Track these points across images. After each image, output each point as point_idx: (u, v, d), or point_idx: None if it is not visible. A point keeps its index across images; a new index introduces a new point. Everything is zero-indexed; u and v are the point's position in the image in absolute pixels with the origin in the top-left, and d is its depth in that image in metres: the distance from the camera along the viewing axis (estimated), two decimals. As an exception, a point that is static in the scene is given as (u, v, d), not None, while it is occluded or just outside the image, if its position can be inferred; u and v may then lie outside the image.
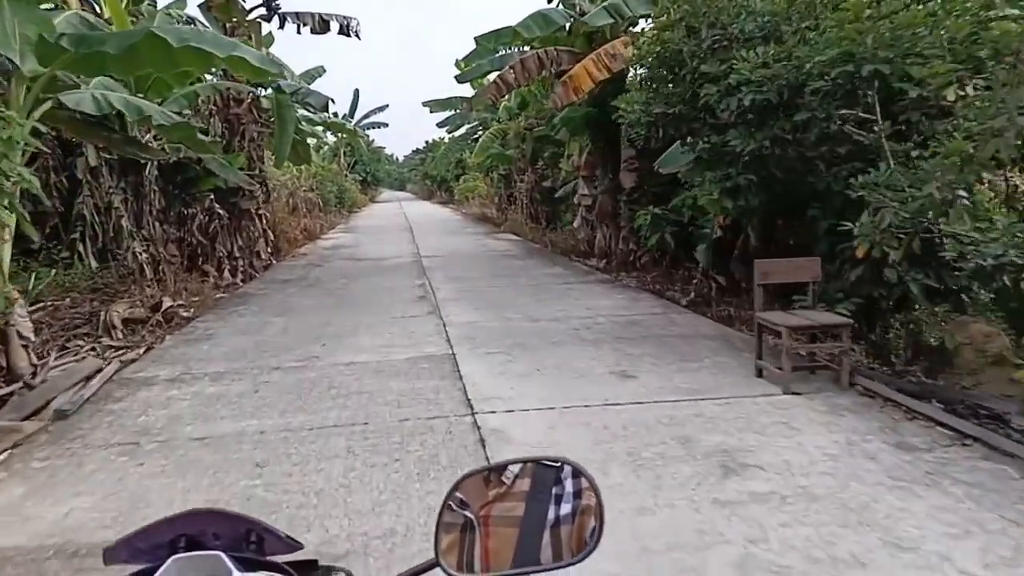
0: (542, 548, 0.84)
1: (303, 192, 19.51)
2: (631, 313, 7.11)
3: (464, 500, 0.89)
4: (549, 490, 0.88)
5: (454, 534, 0.87)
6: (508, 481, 0.90)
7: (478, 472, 0.91)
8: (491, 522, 0.87)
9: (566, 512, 0.86)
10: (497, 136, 19.09)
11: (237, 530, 0.82)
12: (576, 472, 0.89)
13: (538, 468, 0.91)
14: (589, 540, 0.84)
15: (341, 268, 11.68)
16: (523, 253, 13.39)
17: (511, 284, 9.29)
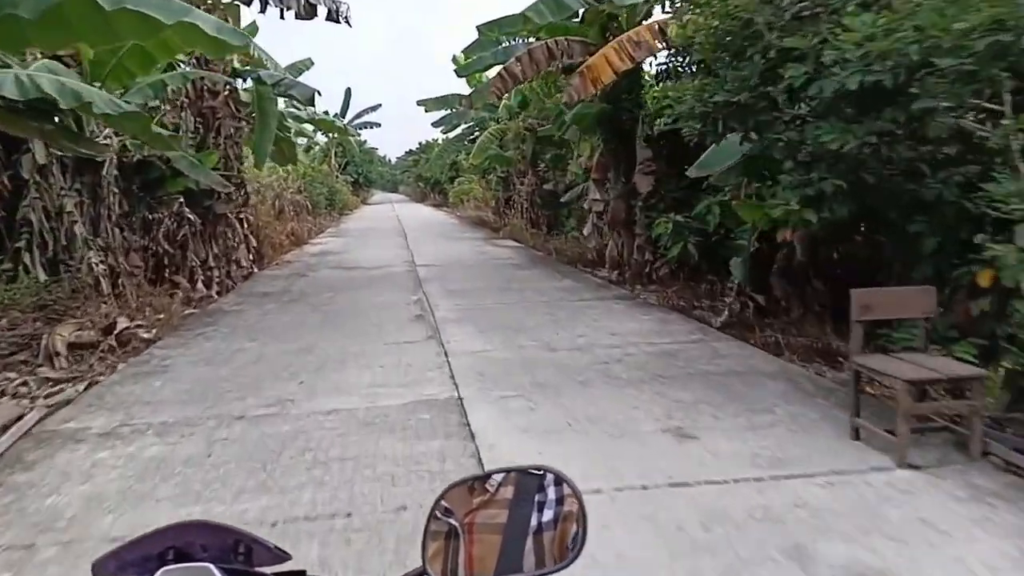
0: (525, 555, 0.85)
1: (290, 194, 18.41)
2: (664, 340, 6.08)
3: (449, 508, 0.90)
4: (532, 497, 0.89)
5: (439, 542, 0.88)
6: (492, 489, 0.91)
7: (463, 482, 0.92)
8: (475, 529, 0.88)
9: (548, 519, 0.87)
10: (496, 136, 18.07)
11: (225, 542, 0.82)
12: (558, 479, 0.90)
13: (521, 476, 0.92)
14: (571, 546, 0.84)
15: (328, 279, 10.60)
16: (527, 262, 12.36)
17: (518, 300, 8.25)
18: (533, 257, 13.25)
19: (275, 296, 8.97)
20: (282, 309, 8.02)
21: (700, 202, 9.56)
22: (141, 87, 8.01)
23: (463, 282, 9.84)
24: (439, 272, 11.05)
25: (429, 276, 10.56)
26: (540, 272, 10.91)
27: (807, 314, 7.18)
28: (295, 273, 11.41)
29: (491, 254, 13.90)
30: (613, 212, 10.78)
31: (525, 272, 10.89)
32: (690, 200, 10.00)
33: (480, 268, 11.52)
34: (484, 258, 13.11)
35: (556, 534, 0.86)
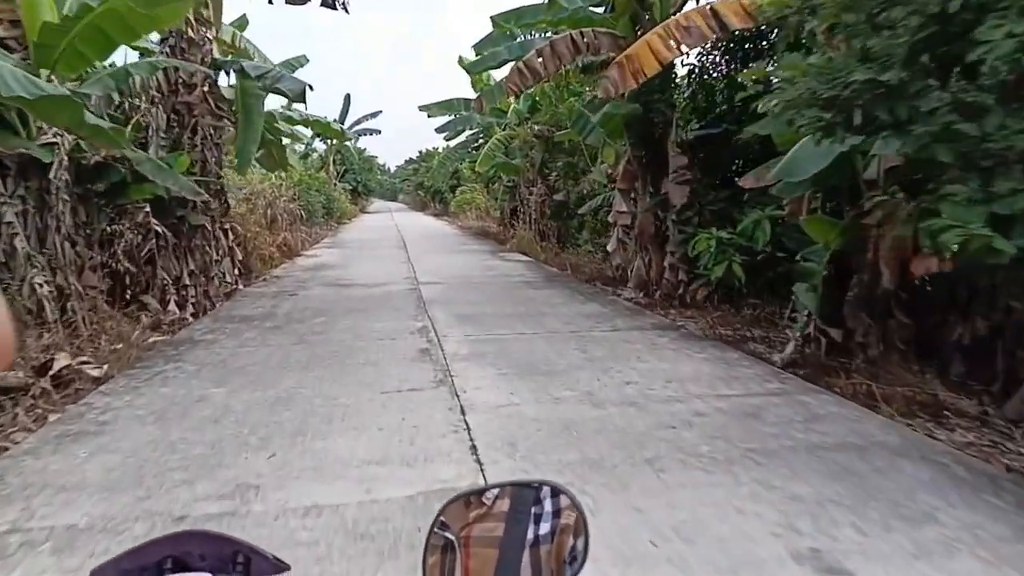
0: (521, 568, 0.85)
1: (283, 202, 17.20)
2: (736, 391, 4.85)
3: (446, 523, 0.90)
4: (528, 510, 0.89)
5: (436, 555, 0.88)
6: (488, 502, 0.91)
7: (460, 497, 0.92)
8: (472, 543, 0.88)
9: (545, 531, 0.87)
10: (503, 143, 16.90)
11: (223, 552, 0.81)
12: (555, 491, 0.90)
13: (517, 490, 0.92)
14: (568, 560, 0.84)
15: (320, 299, 9.36)
16: (541, 280, 11.13)
17: (540, 328, 7.02)
18: (547, 274, 12.03)
19: (257, 321, 7.73)
20: (263, 339, 6.78)
21: (744, 216, 8.41)
22: (101, 76, 6.83)
23: (473, 304, 8.61)
24: (444, 291, 9.82)
25: (434, 296, 9.33)
26: (558, 292, 9.68)
27: (888, 352, 5.98)
28: (283, 291, 10.17)
29: (500, 269, 12.68)
30: (641, 226, 9.59)
31: (542, 292, 9.67)
32: (730, 214, 8.82)
33: (490, 286, 10.30)
34: (493, 274, 11.89)
35: (553, 547, 0.86)
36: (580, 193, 15.61)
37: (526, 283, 10.72)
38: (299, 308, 8.57)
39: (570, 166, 16.55)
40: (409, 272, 12.35)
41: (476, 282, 10.85)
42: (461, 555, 0.88)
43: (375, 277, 11.56)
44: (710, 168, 9.44)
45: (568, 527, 0.87)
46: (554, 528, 0.87)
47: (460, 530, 0.89)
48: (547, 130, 17.46)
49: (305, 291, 10.15)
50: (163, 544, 0.80)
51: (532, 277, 11.50)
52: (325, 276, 11.91)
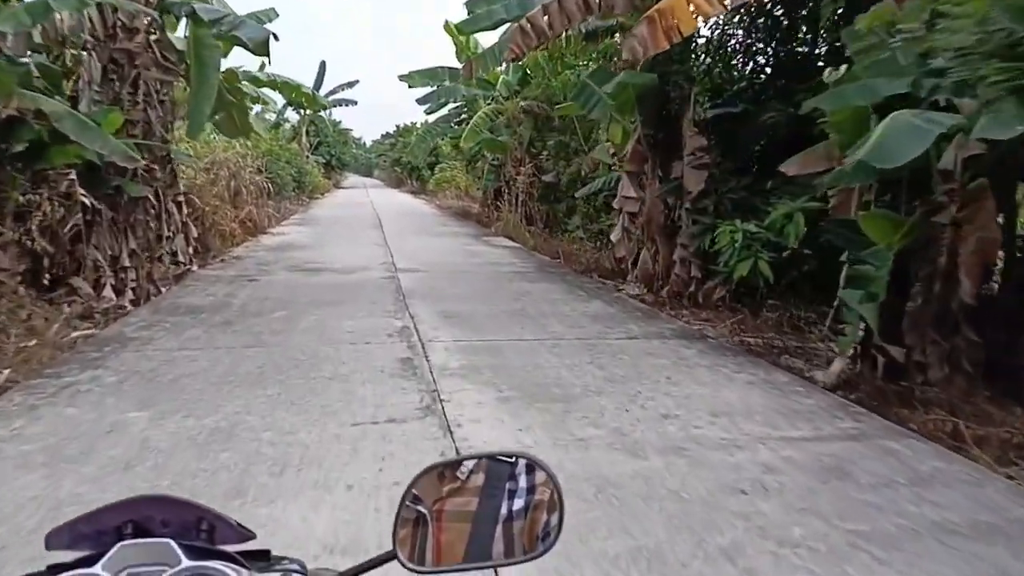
0: (494, 543, 0.85)
1: (249, 174, 15.81)
2: (804, 432, 3.84)
3: (418, 496, 0.88)
4: (503, 485, 0.88)
5: (408, 528, 0.86)
6: (463, 477, 0.89)
7: (433, 468, 0.89)
8: (444, 516, 0.87)
9: (519, 507, 0.86)
10: (491, 117, 15.69)
11: (187, 517, 0.79)
12: (531, 466, 0.88)
13: (492, 463, 0.90)
14: (541, 536, 0.84)
15: (284, 286, 8.17)
16: (534, 270, 10.05)
17: (543, 333, 5.96)
18: (539, 263, 10.95)
19: (206, 314, 6.54)
20: (209, 339, 5.60)
21: (769, 207, 7.44)
22: (15, 11, 5.53)
23: (460, 299, 7.51)
24: (427, 281, 8.69)
25: (415, 287, 8.20)
26: (556, 286, 8.62)
27: (953, 375, 5.06)
28: (242, 275, 8.95)
29: (486, 256, 11.56)
30: (649, 213, 8.55)
31: (537, 286, 8.59)
32: (752, 204, 7.84)
33: (477, 277, 9.19)
34: (479, 262, 10.77)
35: (526, 523, 0.85)
36: (573, 175, 14.55)
37: (517, 273, 9.63)
38: (258, 297, 7.38)
39: (562, 145, 15.43)
40: (386, 256, 11.17)
41: (461, 271, 9.73)
42: (433, 529, 0.86)
43: (348, 261, 10.37)
44: (728, 151, 8.42)
45: (542, 503, 0.86)
46: (528, 504, 0.86)
47: (433, 504, 0.87)
48: (537, 106, 16.32)
49: (267, 276, 8.94)
50: (122, 508, 0.76)
51: (523, 266, 10.42)
52: (292, 258, 10.68)
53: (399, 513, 0.86)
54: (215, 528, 0.80)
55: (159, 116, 7.21)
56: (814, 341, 6.48)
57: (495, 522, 0.86)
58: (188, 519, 0.79)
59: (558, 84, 14.13)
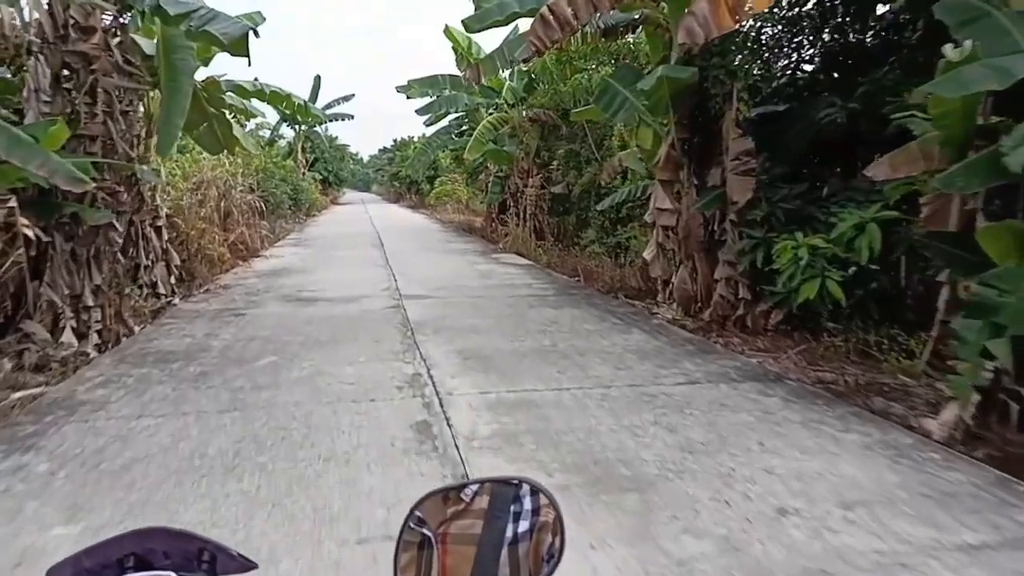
0: (500, 566, 0.83)
1: (239, 193, 14.80)
2: (986, 537, 2.74)
3: (423, 518, 0.87)
4: (508, 508, 0.87)
5: (412, 552, 0.85)
6: (467, 499, 0.88)
7: (437, 492, 0.89)
8: (449, 540, 0.86)
9: (524, 529, 0.85)
10: (495, 127, 14.70)
11: (188, 549, 0.79)
12: (535, 489, 0.87)
13: (496, 487, 0.90)
14: (546, 558, 0.82)
15: (274, 322, 7.12)
16: (554, 292, 9.00)
17: (586, 379, 4.89)
18: (557, 283, 9.91)
19: (179, 362, 5.48)
20: (177, 399, 4.55)
21: (831, 216, 6.45)
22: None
23: (478, 332, 6.46)
24: (436, 309, 7.64)
25: (424, 318, 7.15)
26: (584, 312, 7.57)
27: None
28: (228, 308, 7.90)
29: (499, 276, 10.51)
30: (687, 227, 7.52)
31: (563, 312, 7.53)
32: (807, 214, 6.84)
33: (493, 302, 8.14)
34: (492, 284, 9.71)
35: (531, 545, 0.84)
36: (585, 185, 13.57)
37: (537, 297, 8.58)
38: (243, 338, 6.33)
39: (572, 154, 14.46)
40: (388, 280, 10.13)
41: (474, 295, 8.68)
42: (438, 552, 0.85)
43: (347, 287, 9.32)
44: (776, 155, 7.41)
45: (547, 524, 0.84)
46: (533, 525, 0.85)
47: (437, 527, 0.86)
48: (544, 113, 15.36)
49: (256, 308, 7.89)
50: (125, 541, 0.76)
51: (542, 288, 9.37)
52: (284, 286, 9.63)
53: (401, 537, 0.85)
54: (216, 559, 0.79)
55: (122, 130, 6.16)
56: (893, 372, 5.44)
57: (500, 545, 0.84)
58: (190, 550, 0.78)
59: (568, 89, 13.16)
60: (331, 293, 8.86)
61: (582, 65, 14.15)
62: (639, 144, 7.83)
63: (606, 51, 13.51)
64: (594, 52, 13.62)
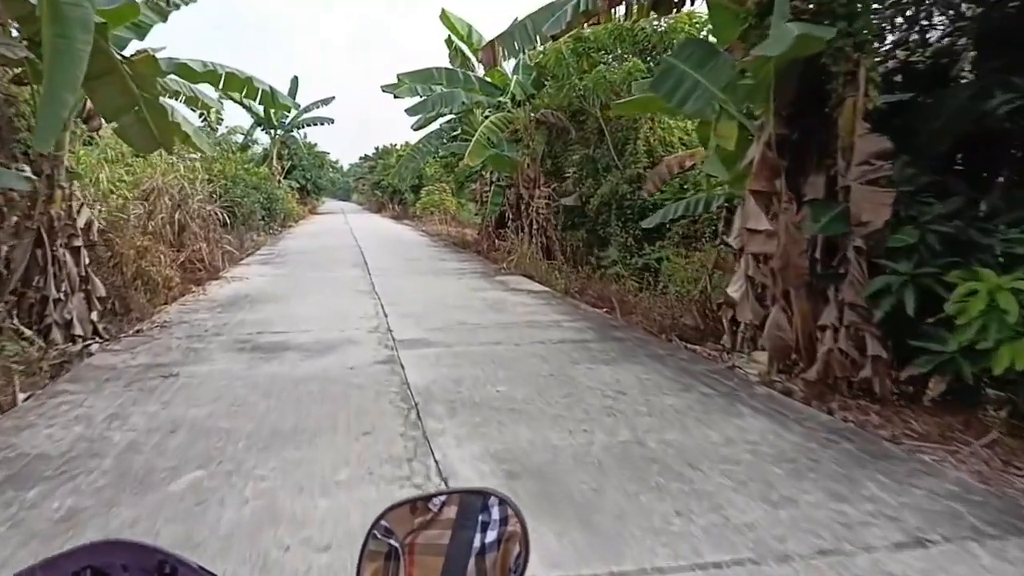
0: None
1: (197, 203, 12.56)
2: None
3: (389, 528, 0.85)
4: (476, 518, 0.86)
5: (378, 563, 0.84)
6: (434, 509, 0.88)
7: (404, 503, 0.88)
8: (416, 550, 0.85)
9: (491, 540, 0.84)
10: (499, 128, 12.63)
11: (148, 562, 0.76)
12: (502, 501, 0.87)
13: (464, 497, 0.90)
14: (513, 567, 0.82)
15: (214, 395, 4.93)
16: (594, 335, 6.90)
17: (734, 541, 2.84)
18: (590, 319, 7.82)
19: (41, 485, 3.32)
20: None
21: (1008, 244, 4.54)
22: None
23: (516, 415, 4.36)
24: (447, 368, 5.53)
25: (432, 386, 5.03)
26: (652, 373, 5.49)
27: None
28: (157, 364, 5.72)
29: (516, 309, 8.39)
30: (785, 254, 5.51)
31: (622, 372, 5.44)
32: (966, 240, 4.90)
33: (522, 354, 6.04)
34: (510, 321, 7.61)
35: (498, 555, 0.84)
36: (605, 196, 11.60)
37: (576, 344, 6.50)
38: (162, 426, 4.16)
39: (587, 161, 12.47)
40: (376, 314, 7.99)
41: (491, 339, 6.58)
42: (405, 563, 0.84)
43: (323, 326, 7.17)
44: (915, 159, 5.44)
45: (515, 534, 0.84)
46: (501, 535, 0.84)
47: (404, 537, 0.85)
48: (551, 114, 13.38)
49: (196, 364, 5.71)
50: (80, 554, 0.72)
51: (575, 327, 7.29)
52: (242, 324, 7.44)
53: (365, 547, 0.84)
54: (177, 572, 0.76)
55: None
56: None
57: (468, 555, 0.83)
58: (149, 564, 0.75)
59: (588, 84, 11.17)
60: (303, 337, 6.71)
61: (599, 58, 12.21)
62: (720, 139, 5.81)
63: (630, 39, 11.58)
64: (616, 42, 11.70)
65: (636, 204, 11.26)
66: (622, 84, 11.18)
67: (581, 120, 13.32)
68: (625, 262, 11.14)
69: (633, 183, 11.34)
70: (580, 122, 13.38)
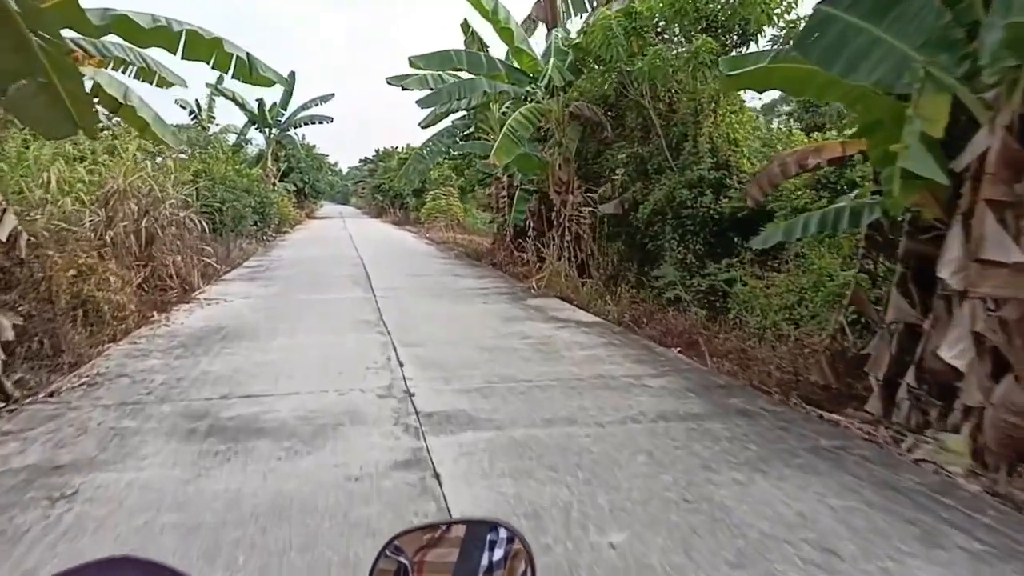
0: None
1: (168, 210, 10.49)
2: None
3: (400, 547, 0.87)
4: (484, 537, 0.88)
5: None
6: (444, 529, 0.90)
7: (415, 529, 0.90)
8: (425, 568, 0.86)
9: (499, 558, 0.85)
10: (533, 121, 10.57)
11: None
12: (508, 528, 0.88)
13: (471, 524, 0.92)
14: None
15: (110, 551, 2.91)
16: (701, 403, 4.78)
17: None
18: (678, 370, 5.74)
19: None
20: None
21: None
22: None
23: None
24: (511, 479, 3.45)
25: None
26: (819, 481, 3.41)
27: None
28: (54, 463, 3.64)
29: (573, 355, 6.29)
30: None
31: (783, 489, 3.36)
32: None
33: (610, 444, 3.98)
34: (572, 375, 5.52)
35: (505, 572, 0.84)
36: (659, 204, 9.61)
37: (688, 422, 4.42)
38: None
39: (635, 160, 10.45)
40: (388, 363, 5.93)
41: (563, 418, 4.49)
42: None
43: (314, 390, 5.09)
44: None
45: (520, 552, 0.84)
46: (507, 553, 0.85)
47: (414, 554, 0.86)
48: (587, 107, 11.37)
49: (112, 468, 3.62)
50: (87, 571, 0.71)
51: (668, 388, 5.20)
52: (202, 382, 5.32)
53: (376, 565, 0.85)
54: None
55: None
56: None
57: (475, 573, 0.84)
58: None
59: (644, 65, 9.13)
60: (284, 406, 4.63)
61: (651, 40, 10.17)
62: (924, 127, 3.77)
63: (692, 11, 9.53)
64: (676, 16, 9.66)
65: (699, 213, 9.28)
66: (686, 67, 9.18)
67: (620, 113, 11.31)
68: (685, 283, 9.11)
69: (693, 187, 9.37)
70: (619, 116, 11.36)
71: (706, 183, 9.42)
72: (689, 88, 9.73)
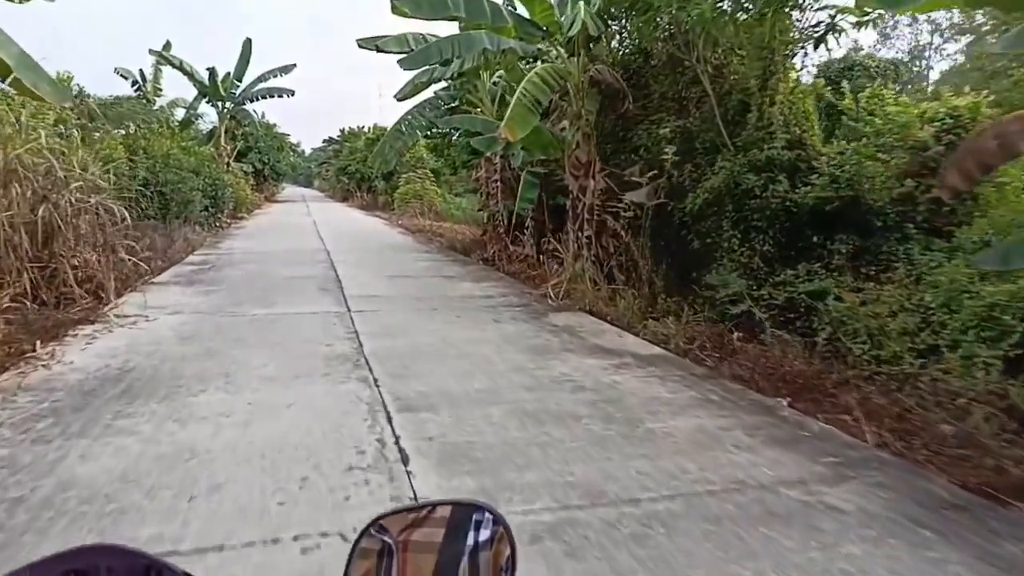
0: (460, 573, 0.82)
1: (76, 193, 7.94)
2: None
3: (384, 527, 0.84)
4: (470, 517, 0.86)
5: (370, 560, 0.82)
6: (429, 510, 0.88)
7: (400, 510, 0.87)
8: (410, 547, 0.84)
9: (485, 538, 0.84)
10: (550, 84, 8.25)
11: (133, 567, 0.75)
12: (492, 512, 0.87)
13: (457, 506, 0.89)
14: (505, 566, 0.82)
15: None
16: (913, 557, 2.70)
17: None
18: (856, 461, 3.60)
19: None
20: None
21: None
22: None
23: None
24: None
25: None
26: None
27: None
28: None
29: (654, 427, 4.13)
30: None
31: None
32: None
33: None
34: (688, 474, 3.35)
35: (491, 554, 0.84)
36: (712, 192, 7.57)
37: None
38: None
39: (682, 136, 8.26)
40: (383, 450, 3.65)
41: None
42: (398, 560, 0.82)
43: (258, 544, 2.84)
44: None
45: (504, 534, 0.84)
46: (493, 534, 0.85)
47: (399, 534, 0.84)
48: (608, 72, 9.20)
49: None
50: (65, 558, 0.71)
51: (878, 519, 3.07)
52: (62, 503, 2.98)
53: (357, 544, 0.82)
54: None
55: None
56: None
57: (462, 553, 0.83)
58: (135, 568, 0.74)
59: (703, 9, 6.90)
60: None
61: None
62: None
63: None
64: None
65: (770, 204, 7.24)
66: (754, 18, 7.05)
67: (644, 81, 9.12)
68: (753, 294, 7.02)
69: (762, 171, 7.32)
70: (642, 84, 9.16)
71: (778, 166, 7.36)
72: (757, 41, 7.57)
